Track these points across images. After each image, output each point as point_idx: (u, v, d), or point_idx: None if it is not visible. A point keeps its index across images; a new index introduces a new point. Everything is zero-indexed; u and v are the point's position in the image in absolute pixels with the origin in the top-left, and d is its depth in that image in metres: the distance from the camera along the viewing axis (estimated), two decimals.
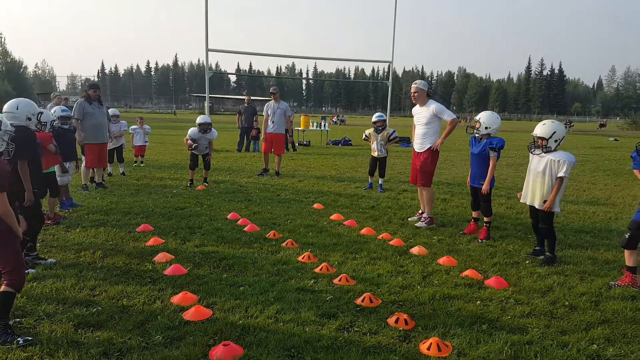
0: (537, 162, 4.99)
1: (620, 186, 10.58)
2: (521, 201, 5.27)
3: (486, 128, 5.77)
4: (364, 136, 9.55)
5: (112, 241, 5.37)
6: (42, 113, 4.71)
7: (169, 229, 5.95)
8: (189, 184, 9.14)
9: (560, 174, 4.78)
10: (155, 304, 3.74)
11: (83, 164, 8.46)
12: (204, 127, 9.31)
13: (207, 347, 3.08)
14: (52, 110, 6.90)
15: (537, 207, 4.99)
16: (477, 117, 5.94)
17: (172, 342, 3.15)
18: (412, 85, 6.57)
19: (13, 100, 4.61)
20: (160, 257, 4.79)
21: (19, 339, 3.08)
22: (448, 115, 6.39)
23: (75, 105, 8.27)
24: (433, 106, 6.39)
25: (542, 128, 4.92)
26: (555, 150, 4.89)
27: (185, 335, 3.23)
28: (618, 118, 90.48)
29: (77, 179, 8.55)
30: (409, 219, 6.81)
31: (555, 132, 4.85)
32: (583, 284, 4.41)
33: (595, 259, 5.19)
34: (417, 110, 6.64)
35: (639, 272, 4.45)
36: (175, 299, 3.79)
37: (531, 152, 5.07)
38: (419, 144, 6.55)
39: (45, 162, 5.45)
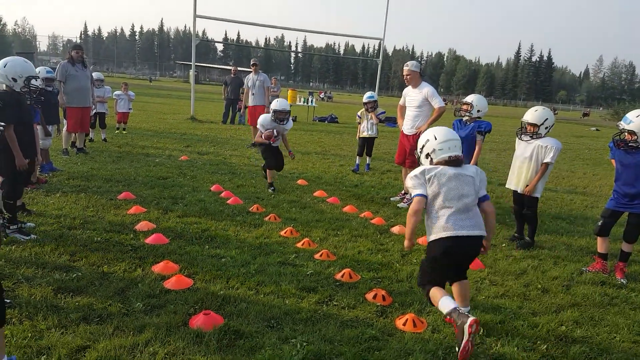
0: (524, 148, 5.02)
1: (598, 175, 10.81)
2: (506, 186, 5.34)
3: (478, 111, 5.78)
4: (357, 118, 9.20)
5: (93, 208, 5.33)
6: (32, 77, 4.46)
7: (151, 198, 5.92)
8: (270, 189, 6.85)
9: (547, 160, 4.84)
10: (136, 272, 3.75)
11: (65, 128, 8.31)
12: (282, 116, 6.81)
13: (187, 315, 3.12)
14: (37, 71, 6.72)
15: (519, 191, 5.07)
16: (468, 100, 5.89)
17: (152, 309, 3.18)
18: (404, 68, 6.42)
19: (8, 57, 4.43)
20: (142, 225, 4.78)
21: None
22: (437, 103, 6.30)
23: (57, 67, 8.07)
24: (426, 89, 6.32)
25: (534, 114, 4.93)
26: (543, 136, 4.93)
27: (166, 304, 3.26)
28: (601, 108, 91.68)
29: (57, 143, 8.39)
30: (392, 199, 6.88)
31: (547, 119, 4.88)
32: (556, 268, 4.55)
33: (570, 245, 5.34)
34: (408, 91, 6.57)
35: (610, 259, 4.61)
36: (157, 268, 3.80)
37: (519, 138, 5.09)
38: (410, 127, 6.52)
39: None
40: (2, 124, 4.09)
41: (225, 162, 8.88)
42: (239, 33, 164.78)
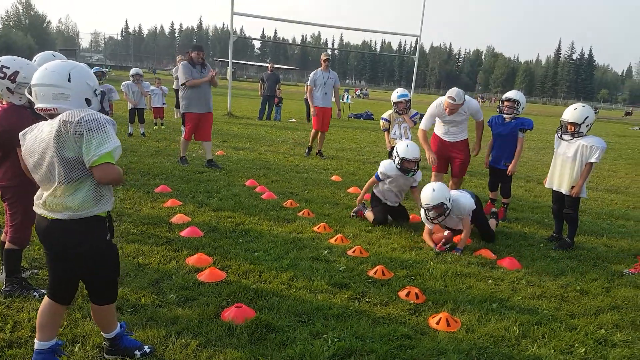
0: (566, 147, 4.84)
1: None
2: (546, 186, 5.16)
3: (522, 108, 5.70)
4: (383, 123, 7.14)
5: (131, 200, 5.48)
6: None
7: (187, 191, 6.04)
8: None
9: (592, 160, 4.66)
10: (170, 263, 3.83)
11: (183, 135, 7.74)
12: (411, 166, 5.26)
13: (220, 308, 3.16)
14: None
15: (564, 192, 4.87)
16: (514, 97, 5.71)
17: (185, 301, 3.24)
18: (449, 101, 5.44)
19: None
20: (177, 218, 4.88)
21: (34, 292, 3.13)
22: (480, 117, 5.90)
23: (179, 67, 7.60)
24: (472, 104, 5.72)
25: (573, 113, 4.74)
26: (585, 135, 4.76)
27: (199, 296, 3.31)
28: None
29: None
30: None
31: (587, 117, 4.70)
32: (596, 269, 4.38)
33: (610, 246, 5.14)
34: (447, 117, 5.72)
35: None
36: (191, 260, 3.87)
37: (560, 138, 4.91)
38: (454, 136, 5.90)
39: None
40: None
41: (260, 157, 8.96)
42: (276, 31, 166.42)
